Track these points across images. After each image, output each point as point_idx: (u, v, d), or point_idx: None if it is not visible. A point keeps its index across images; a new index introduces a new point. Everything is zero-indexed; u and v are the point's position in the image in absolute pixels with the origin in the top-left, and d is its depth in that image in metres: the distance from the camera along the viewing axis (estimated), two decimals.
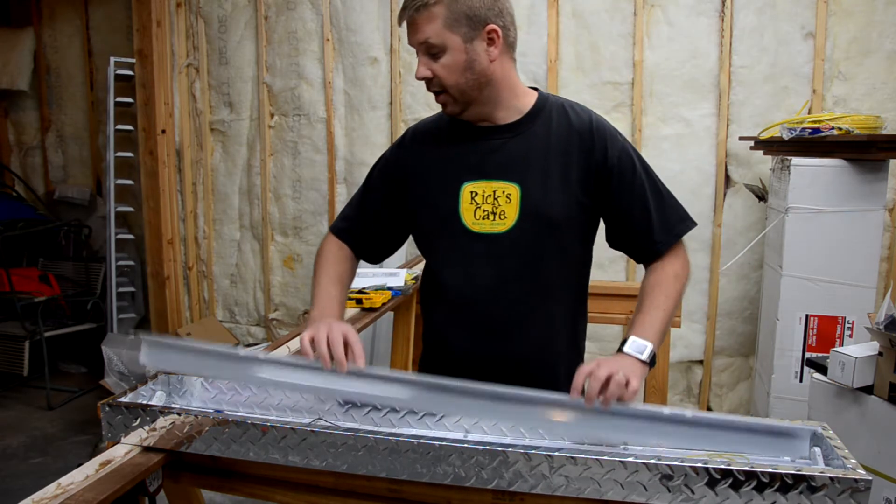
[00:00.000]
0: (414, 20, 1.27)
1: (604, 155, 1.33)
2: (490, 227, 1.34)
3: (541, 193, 1.32)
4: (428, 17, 1.25)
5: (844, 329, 2.59)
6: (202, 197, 4.04)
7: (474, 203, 1.34)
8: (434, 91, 1.32)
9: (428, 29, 1.26)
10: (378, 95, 3.61)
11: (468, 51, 1.28)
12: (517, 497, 1.09)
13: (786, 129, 2.65)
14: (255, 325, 4.08)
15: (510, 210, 1.32)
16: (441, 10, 1.25)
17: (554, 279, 1.36)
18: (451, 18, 1.25)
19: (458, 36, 1.26)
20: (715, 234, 3.20)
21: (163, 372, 1.44)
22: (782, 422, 1.18)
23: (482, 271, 1.35)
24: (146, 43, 3.66)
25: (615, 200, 1.35)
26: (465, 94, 1.31)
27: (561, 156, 1.33)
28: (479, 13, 1.27)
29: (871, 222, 2.54)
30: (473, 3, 1.26)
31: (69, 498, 1.02)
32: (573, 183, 1.33)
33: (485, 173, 1.35)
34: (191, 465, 1.25)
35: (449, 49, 1.27)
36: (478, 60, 1.29)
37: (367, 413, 1.35)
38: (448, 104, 1.33)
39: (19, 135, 4.59)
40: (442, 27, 1.26)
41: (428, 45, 1.27)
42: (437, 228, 1.40)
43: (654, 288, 1.35)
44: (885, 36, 2.92)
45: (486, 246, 1.34)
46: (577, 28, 3.26)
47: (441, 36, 1.26)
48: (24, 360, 3.93)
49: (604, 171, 1.33)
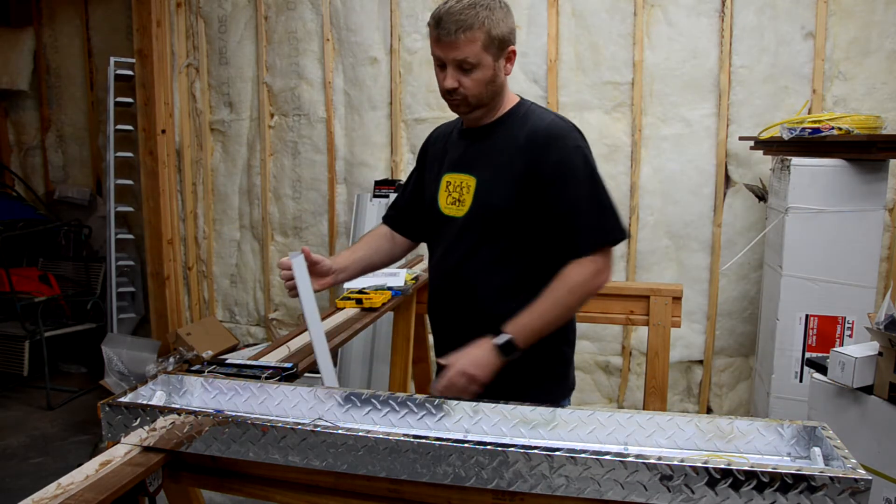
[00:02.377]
0: (454, 42, 1.42)
1: (544, 159, 1.46)
2: (455, 212, 1.55)
3: (489, 186, 1.51)
4: (470, 39, 1.42)
5: (844, 329, 2.59)
6: (202, 197, 4.04)
7: (447, 191, 1.58)
8: (454, 98, 1.49)
9: (468, 50, 1.42)
10: (378, 95, 3.61)
11: (495, 68, 1.47)
12: (517, 497, 1.09)
13: (786, 129, 2.65)
14: (255, 325, 4.08)
15: (467, 198, 1.53)
16: (481, 35, 1.42)
17: (492, 263, 1.52)
18: (488, 42, 1.43)
19: (490, 56, 1.45)
20: (715, 234, 3.20)
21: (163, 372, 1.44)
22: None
23: (448, 248, 1.57)
24: (146, 43, 3.66)
25: (545, 201, 1.46)
26: (480, 102, 1.50)
27: (512, 155, 1.50)
28: (506, 37, 1.46)
29: (871, 222, 2.54)
30: (503, 30, 1.45)
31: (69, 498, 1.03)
32: (516, 179, 1.48)
33: (458, 166, 1.58)
34: (191, 465, 1.25)
35: (481, 66, 1.45)
36: (499, 75, 1.49)
37: (367, 413, 1.35)
38: (461, 106, 1.51)
39: (19, 135, 4.59)
40: (480, 49, 1.43)
41: (464, 62, 1.44)
42: (428, 211, 1.63)
43: (552, 290, 1.44)
44: (885, 36, 2.92)
45: (450, 227, 1.56)
46: (577, 28, 3.26)
47: (478, 56, 1.43)
48: (24, 360, 3.93)
49: (540, 173, 1.46)
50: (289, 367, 1.60)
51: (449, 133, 1.67)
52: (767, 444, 1.20)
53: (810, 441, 1.17)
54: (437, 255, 1.62)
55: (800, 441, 1.19)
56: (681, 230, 3.25)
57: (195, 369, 1.51)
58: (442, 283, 1.60)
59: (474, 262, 1.52)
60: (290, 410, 1.37)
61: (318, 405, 1.37)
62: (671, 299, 2.39)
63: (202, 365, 1.55)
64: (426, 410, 1.32)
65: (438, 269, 1.61)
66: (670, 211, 3.24)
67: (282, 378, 1.51)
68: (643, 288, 2.44)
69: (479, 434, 1.28)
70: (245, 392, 1.41)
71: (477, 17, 1.41)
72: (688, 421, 1.23)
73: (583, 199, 1.45)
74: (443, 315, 1.63)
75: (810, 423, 1.18)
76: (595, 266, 1.44)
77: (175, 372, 1.48)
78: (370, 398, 1.35)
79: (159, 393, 1.40)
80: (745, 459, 1.17)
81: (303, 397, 1.37)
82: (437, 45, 1.45)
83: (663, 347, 2.41)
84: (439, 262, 1.60)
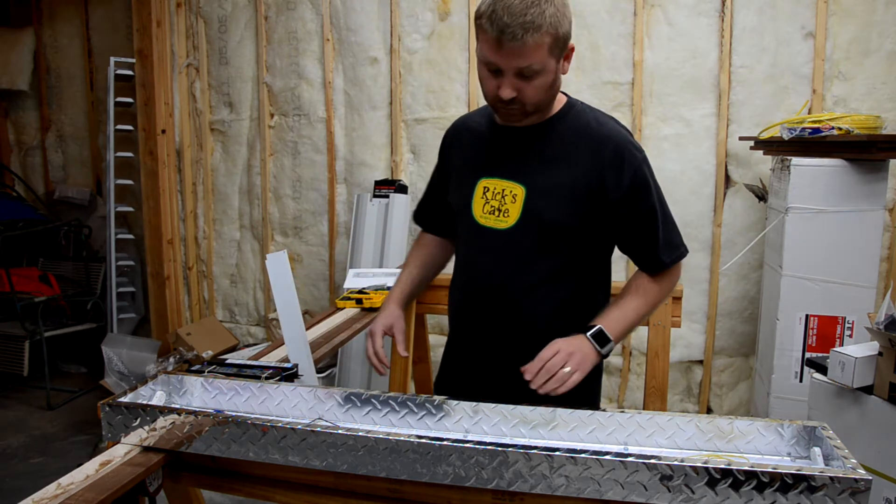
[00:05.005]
0: (521, 48, 1.19)
1: (618, 175, 1.33)
2: (494, 223, 1.39)
3: (544, 199, 1.35)
4: (538, 43, 1.19)
5: (844, 329, 2.59)
6: (202, 197, 4.04)
7: (484, 198, 1.40)
8: (510, 107, 1.29)
9: (535, 56, 1.21)
10: (378, 95, 3.61)
11: (556, 71, 1.27)
12: (517, 497, 1.09)
13: (786, 129, 2.65)
14: (255, 325, 4.08)
15: (514, 209, 1.36)
16: (548, 38, 1.20)
17: (544, 280, 1.39)
18: (554, 44, 1.22)
19: (554, 59, 1.25)
20: (715, 234, 3.20)
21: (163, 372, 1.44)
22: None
23: (484, 262, 1.42)
24: (146, 43, 3.66)
25: (623, 219, 1.37)
26: (538, 108, 1.31)
27: (570, 164, 1.35)
28: (569, 34, 1.25)
29: (871, 222, 2.54)
30: (567, 28, 1.24)
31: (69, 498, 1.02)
32: (578, 192, 1.34)
33: (499, 171, 1.39)
34: (191, 465, 1.25)
35: (545, 72, 1.24)
36: (559, 78, 1.29)
37: (367, 413, 1.35)
38: (516, 115, 1.31)
39: (19, 135, 4.59)
40: (546, 53, 1.22)
41: (527, 69, 1.22)
42: (458, 217, 1.48)
43: (636, 290, 1.41)
44: (885, 36, 2.92)
45: (488, 240, 1.39)
46: (577, 28, 3.23)
47: (543, 61, 1.22)
48: (24, 360, 3.93)
49: (611, 189, 1.33)
50: (289, 367, 1.60)
51: (477, 128, 1.47)
52: (767, 444, 1.20)
53: (810, 441, 1.17)
54: (472, 268, 1.45)
55: (800, 441, 1.19)
56: (681, 230, 3.24)
57: (195, 369, 1.51)
58: (482, 298, 1.44)
59: (522, 280, 1.39)
60: (290, 410, 1.37)
61: (318, 405, 1.37)
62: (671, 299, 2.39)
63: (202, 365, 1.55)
64: (426, 410, 1.32)
65: (476, 283, 1.44)
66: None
67: (282, 378, 1.51)
68: None
69: (479, 434, 1.28)
70: (245, 392, 1.41)
71: (543, 15, 1.18)
72: (688, 421, 1.23)
73: (657, 215, 1.38)
74: (482, 332, 1.47)
75: (810, 423, 1.18)
76: (672, 276, 1.44)
77: (175, 372, 1.48)
78: (370, 398, 1.35)
79: (159, 393, 1.40)
80: (746, 459, 1.17)
81: (303, 397, 1.37)
82: (497, 51, 1.21)
83: (663, 347, 2.41)
84: (477, 277, 1.44)
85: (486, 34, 1.22)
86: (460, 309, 1.52)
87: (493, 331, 1.45)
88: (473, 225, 1.41)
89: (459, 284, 1.51)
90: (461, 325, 1.53)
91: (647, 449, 1.23)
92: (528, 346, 1.36)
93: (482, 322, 1.46)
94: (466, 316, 1.51)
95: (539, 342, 1.35)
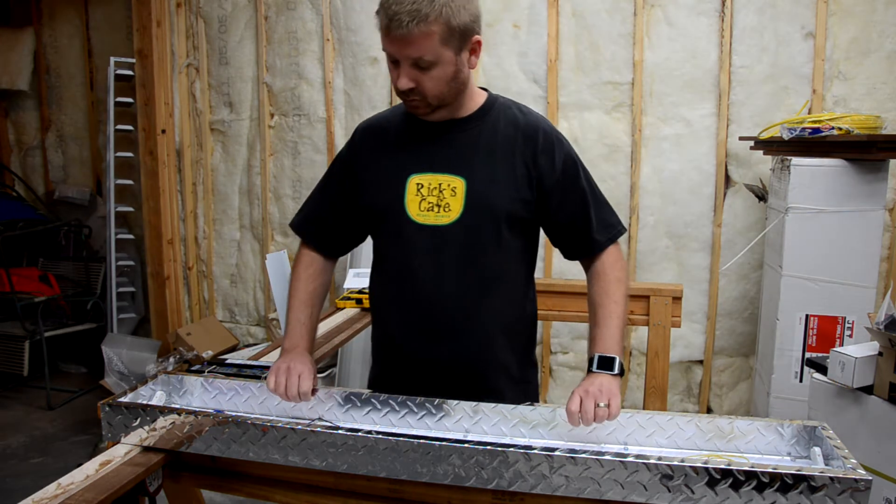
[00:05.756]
0: (407, 37, 1.20)
1: (550, 159, 1.36)
2: (434, 219, 1.34)
3: (486, 187, 1.34)
4: (425, 34, 1.20)
5: (844, 329, 2.59)
6: (202, 197, 4.04)
7: (420, 195, 1.35)
8: (411, 99, 1.29)
9: (424, 46, 1.21)
10: (378, 95, 3.61)
11: (457, 63, 1.27)
12: (517, 497, 1.09)
13: (786, 129, 2.65)
14: (255, 325, 4.07)
15: (455, 203, 1.34)
16: (438, 28, 1.20)
17: (495, 273, 1.38)
18: (447, 34, 1.22)
19: (450, 50, 1.24)
20: (715, 234, 3.20)
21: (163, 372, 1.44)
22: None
23: (424, 263, 1.36)
24: (146, 43, 3.66)
25: (558, 203, 1.39)
26: (443, 101, 1.31)
27: (507, 153, 1.36)
28: (469, 27, 1.25)
29: (871, 222, 2.54)
30: (465, 19, 1.23)
31: (69, 498, 1.03)
32: (518, 180, 1.35)
33: (431, 166, 1.36)
34: (191, 465, 1.25)
35: (440, 63, 1.24)
36: (462, 71, 1.29)
37: (367, 413, 1.35)
38: (420, 107, 1.32)
39: (19, 135, 4.59)
40: (438, 44, 1.22)
41: (420, 60, 1.23)
42: (383, 220, 1.40)
43: (602, 297, 1.39)
44: (885, 36, 2.91)
45: (429, 238, 1.35)
46: (577, 28, 3.26)
47: (435, 52, 1.23)
48: (24, 360, 3.92)
49: (549, 174, 1.36)
50: None
51: (391, 127, 1.43)
52: (768, 443, 1.21)
53: (810, 441, 1.18)
54: (412, 271, 1.37)
55: (800, 441, 1.19)
56: (681, 230, 3.25)
57: (195, 369, 1.51)
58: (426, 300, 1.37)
59: (476, 274, 1.35)
60: (290, 410, 1.37)
61: (319, 405, 1.37)
62: (671, 299, 2.39)
63: (202, 365, 1.55)
64: (426, 410, 1.32)
65: (418, 286, 1.36)
66: (670, 211, 3.24)
67: None
68: (643, 288, 2.44)
69: (479, 434, 1.28)
70: (245, 392, 1.41)
71: (433, 4, 1.18)
72: (688, 421, 1.23)
73: (589, 195, 1.40)
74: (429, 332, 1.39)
75: (810, 423, 1.19)
76: (618, 256, 1.42)
77: (175, 372, 1.48)
78: (370, 398, 1.35)
79: (159, 393, 1.40)
80: (746, 459, 1.17)
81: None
82: (386, 39, 1.23)
83: (663, 347, 2.41)
84: (418, 279, 1.36)
85: (380, 23, 1.24)
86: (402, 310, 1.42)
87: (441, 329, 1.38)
88: (409, 225, 1.35)
89: (396, 291, 1.42)
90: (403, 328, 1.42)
91: (648, 449, 1.23)
92: (477, 342, 1.37)
93: (429, 322, 1.38)
94: (410, 318, 1.40)
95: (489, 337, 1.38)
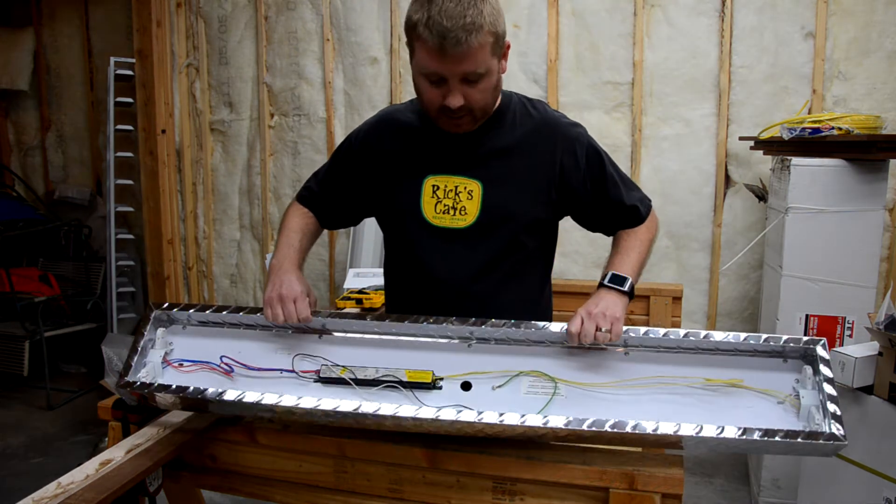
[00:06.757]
0: (465, 53, 1.13)
1: (573, 158, 1.35)
2: (450, 222, 1.33)
3: (502, 191, 1.32)
4: (481, 45, 1.13)
5: (844, 329, 2.59)
6: (202, 197, 4.04)
7: (435, 197, 1.33)
8: (457, 116, 1.22)
9: (478, 58, 1.14)
10: (378, 95, 3.61)
11: (498, 71, 1.22)
12: (517, 497, 1.09)
13: (786, 129, 2.65)
14: None
15: (471, 206, 1.32)
16: (489, 38, 1.14)
17: (510, 274, 1.37)
18: (495, 43, 1.16)
19: (496, 58, 1.20)
20: (715, 234, 3.20)
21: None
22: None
23: (439, 265, 1.35)
24: (146, 43, 3.65)
25: (591, 196, 1.38)
26: (487, 113, 1.28)
27: (524, 155, 1.33)
28: (504, 31, 1.20)
29: (871, 222, 2.54)
30: (503, 24, 1.18)
31: (69, 498, 1.03)
32: (537, 182, 1.34)
33: (447, 167, 1.33)
34: (191, 465, 1.25)
35: (489, 74, 1.19)
36: (500, 78, 1.25)
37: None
38: (465, 124, 1.26)
39: (19, 135, 4.59)
40: (489, 54, 1.16)
41: (472, 73, 1.16)
42: (398, 219, 1.39)
43: (628, 236, 1.39)
44: (885, 36, 2.91)
45: (444, 240, 1.33)
46: (577, 28, 3.26)
47: (487, 63, 1.17)
48: (24, 360, 3.92)
49: (575, 173, 1.35)
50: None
51: (409, 125, 1.39)
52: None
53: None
54: (429, 270, 1.37)
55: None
56: (681, 230, 3.25)
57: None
58: (443, 300, 1.35)
59: (491, 277, 1.34)
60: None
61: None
62: (671, 299, 2.39)
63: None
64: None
65: (435, 285, 1.37)
66: (670, 211, 3.24)
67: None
68: (643, 288, 2.44)
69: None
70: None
71: (482, 14, 1.12)
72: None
73: (617, 180, 1.41)
74: None
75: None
76: (653, 224, 1.44)
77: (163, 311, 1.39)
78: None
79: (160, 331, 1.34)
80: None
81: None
82: (440, 59, 1.14)
83: None
84: (436, 279, 1.36)
85: (424, 43, 1.15)
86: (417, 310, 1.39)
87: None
88: (426, 227, 1.34)
89: (412, 288, 1.41)
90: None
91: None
92: None
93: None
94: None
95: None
